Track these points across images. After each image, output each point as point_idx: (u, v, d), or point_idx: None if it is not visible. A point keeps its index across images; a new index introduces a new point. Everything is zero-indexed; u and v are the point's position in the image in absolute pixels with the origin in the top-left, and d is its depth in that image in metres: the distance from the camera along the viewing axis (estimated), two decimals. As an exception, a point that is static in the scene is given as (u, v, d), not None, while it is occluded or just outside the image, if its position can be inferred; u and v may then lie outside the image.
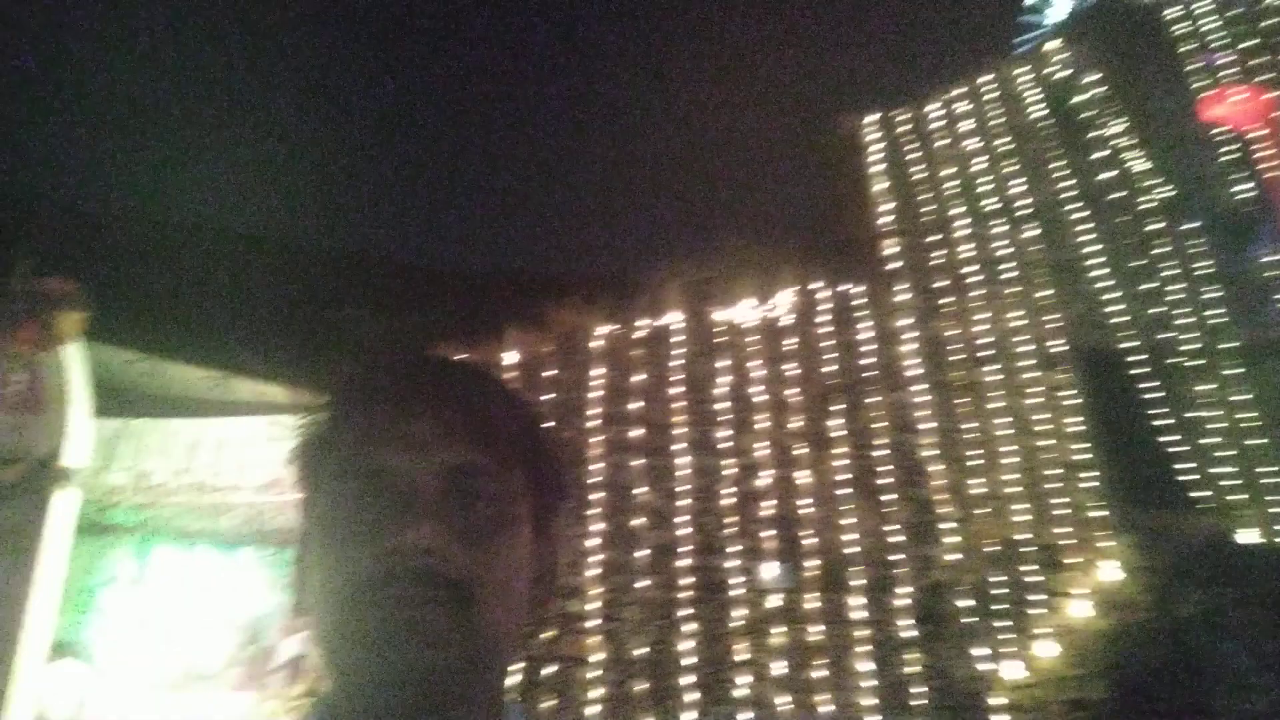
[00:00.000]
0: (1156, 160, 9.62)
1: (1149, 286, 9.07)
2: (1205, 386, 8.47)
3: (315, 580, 0.66)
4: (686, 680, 6.88)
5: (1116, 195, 9.58)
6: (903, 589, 7.32)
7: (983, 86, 10.54)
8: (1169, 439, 8.24)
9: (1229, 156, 9.60)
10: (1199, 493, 7.95)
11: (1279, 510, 7.79)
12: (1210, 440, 8.20)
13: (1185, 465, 8.09)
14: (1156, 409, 8.40)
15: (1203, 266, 9.08)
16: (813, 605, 7.30)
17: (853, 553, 7.52)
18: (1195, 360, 8.62)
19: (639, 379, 8.05)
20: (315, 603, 0.65)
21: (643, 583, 7.21)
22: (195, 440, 8.16)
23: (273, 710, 7.03)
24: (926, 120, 10.37)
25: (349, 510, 0.64)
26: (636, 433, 7.81)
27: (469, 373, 0.73)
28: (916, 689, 6.89)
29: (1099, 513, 7.63)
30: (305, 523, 0.71)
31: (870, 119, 10.39)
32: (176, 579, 7.97)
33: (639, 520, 7.46)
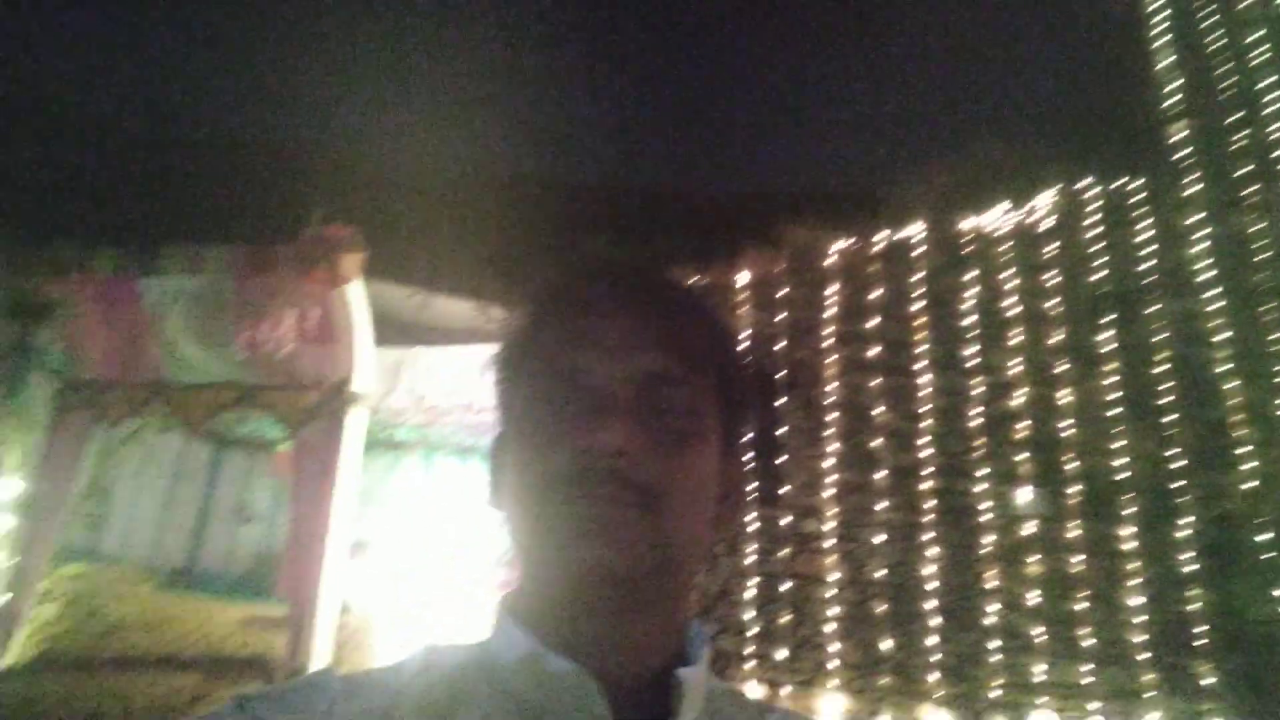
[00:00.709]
0: None
1: None
2: None
3: (510, 477, 0.68)
4: (929, 604, 6.64)
5: None
6: (1184, 519, 6.52)
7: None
8: None
9: None
10: None
11: None
12: None
13: None
14: None
15: None
16: (1075, 534, 6.72)
17: (1124, 479, 6.79)
18: None
19: (878, 295, 7.69)
20: (510, 499, 0.68)
21: (882, 504, 7.00)
22: (464, 365, 8.92)
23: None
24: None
25: (545, 410, 0.66)
26: (875, 351, 7.50)
27: (667, 282, 0.73)
28: (1198, 628, 6.17)
29: None
30: (503, 422, 0.74)
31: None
32: (454, 488, 8.88)
33: (878, 441, 7.21)
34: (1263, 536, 6.33)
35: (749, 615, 7.01)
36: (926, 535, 6.84)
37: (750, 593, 7.08)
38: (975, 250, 7.72)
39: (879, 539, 6.91)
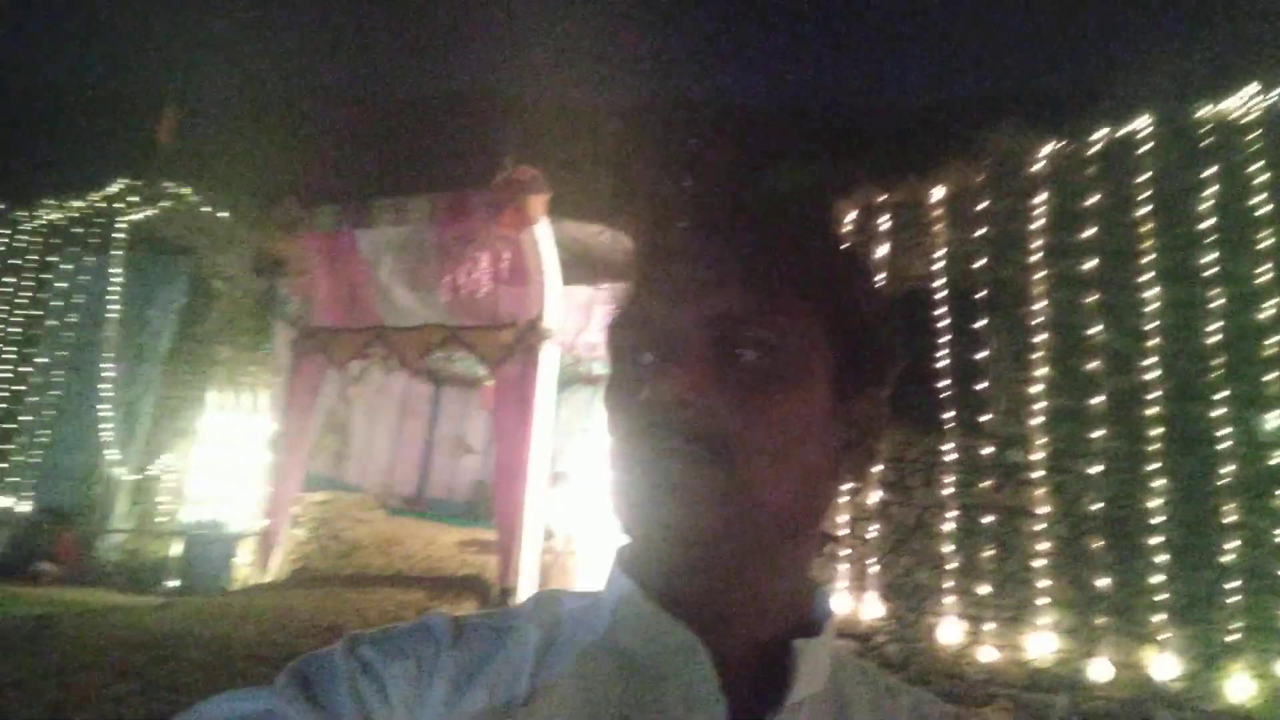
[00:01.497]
0: None
1: None
2: None
3: (609, 431, 0.66)
4: (1154, 540, 6.05)
5: None
6: None
7: None
8: None
9: None
10: None
11: None
12: None
13: None
14: None
15: None
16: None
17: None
18: None
19: (1094, 201, 6.93)
20: (609, 455, 0.65)
21: (1098, 432, 6.41)
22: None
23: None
24: None
25: (626, 362, 0.64)
26: (1091, 264, 6.79)
27: (760, 209, 0.65)
28: None
29: None
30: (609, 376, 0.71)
31: None
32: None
33: (1094, 363, 6.58)
34: None
35: (948, 548, 6.71)
36: (1152, 465, 6.20)
37: (949, 525, 6.76)
38: (1215, 142, 6.74)
39: (1095, 470, 6.35)
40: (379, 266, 8.74)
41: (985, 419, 6.86)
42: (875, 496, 7.13)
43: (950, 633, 6.52)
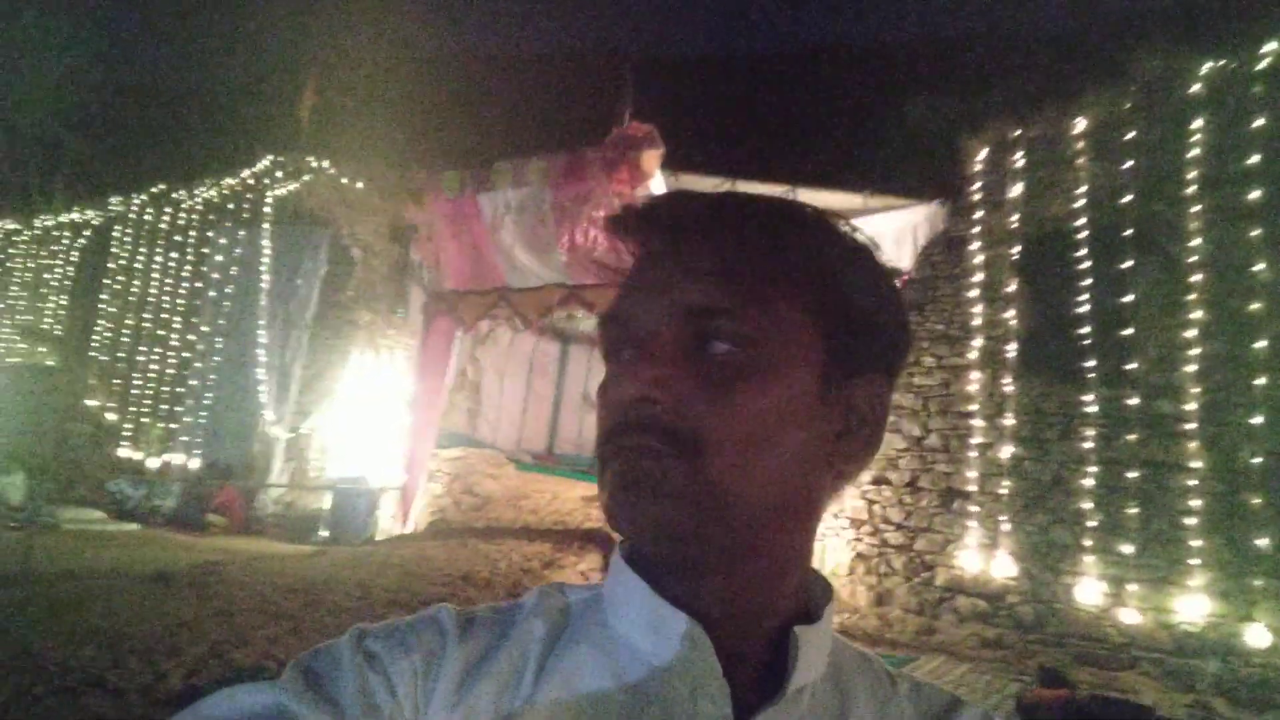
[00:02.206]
0: None
1: None
2: None
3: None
4: (1327, 498, 5.48)
5: None
6: None
7: None
8: None
9: None
10: None
11: None
12: None
13: None
14: None
15: None
16: None
17: None
18: None
19: (1260, 125, 6.24)
20: None
21: (1260, 380, 5.83)
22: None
23: (851, 493, 7.61)
24: None
25: (609, 359, 0.65)
26: (1255, 195, 6.14)
27: (729, 202, 0.65)
28: None
29: None
30: None
31: None
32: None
33: (1255, 304, 5.97)
34: None
35: (1088, 505, 6.30)
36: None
37: (1089, 481, 6.34)
38: None
39: (1256, 420, 5.79)
40: (501, 229, 8.94)
41: (1131, 367, 6.37)
42: (1007, 452, 6.78)
43: (1089, 593, 6.16)
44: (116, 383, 11.20)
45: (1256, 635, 5.49)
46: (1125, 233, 6.59)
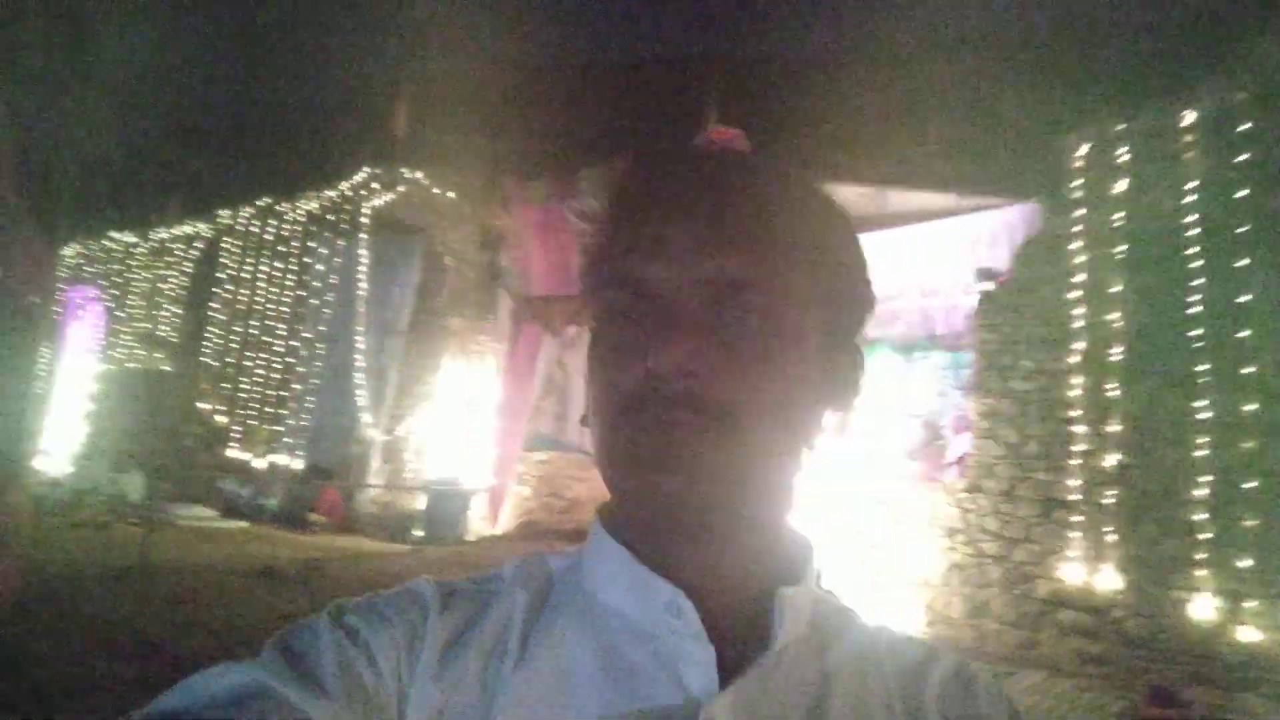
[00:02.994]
0: None
1: None
2: None
3: (592, 395, 0.65)
4: None
5: None
6: None
7: None
8: None
9: None
10: None
11: None
12: None
13: None
14: None
15: None
16: None
17: None
18: None
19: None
20: (591, 416, 0.65)
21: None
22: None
23: (945, 501, 7.42)
24: None
25: (615, 324, 0.63)
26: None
27: (749, 169, 0.64)
28: None
29: None
30: (591, 335, 0.69)
31: None
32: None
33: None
34: None
35: (1201, 516, 5.99)
36: None
37: (1201, 491, 6.03)
38: None
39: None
40: (585, 235, 9.05)
41: (1248, 371, 6.03)
42: (1113, 460, 6.50)
43: (1203, 609, 5.85)
44: (225, 387, 11.78)
45: (1392, 658, 5.13)
46: (1241, 229, 6.25)
